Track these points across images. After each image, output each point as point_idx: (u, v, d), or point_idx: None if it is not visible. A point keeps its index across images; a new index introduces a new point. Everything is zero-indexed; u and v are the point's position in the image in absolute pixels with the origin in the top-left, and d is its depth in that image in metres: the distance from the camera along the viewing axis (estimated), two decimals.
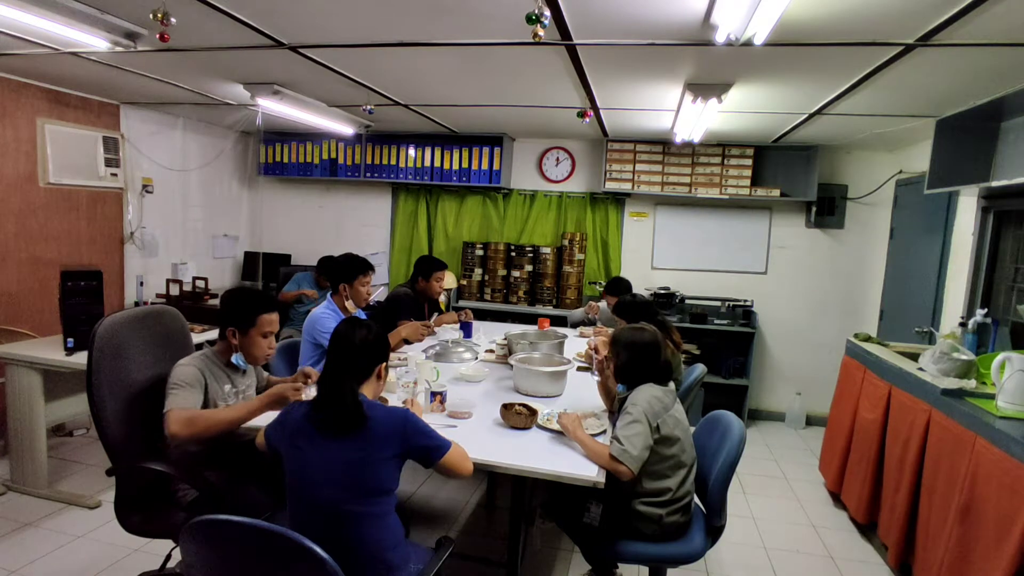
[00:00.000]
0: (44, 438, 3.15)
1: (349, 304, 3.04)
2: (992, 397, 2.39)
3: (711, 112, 3.25)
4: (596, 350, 2.58)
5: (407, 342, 3.26)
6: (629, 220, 5.24)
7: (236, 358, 2.18)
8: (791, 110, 3.55)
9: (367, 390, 1.77)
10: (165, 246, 4.95)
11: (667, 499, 2.06)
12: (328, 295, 3.09)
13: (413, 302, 3.79)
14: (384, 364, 1.83)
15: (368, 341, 1.77)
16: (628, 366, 2.20)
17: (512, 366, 2.80)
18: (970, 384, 2.55)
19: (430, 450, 1.70)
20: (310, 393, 1.99)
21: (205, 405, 2.07)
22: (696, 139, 4.21)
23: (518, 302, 5.21)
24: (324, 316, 2.93)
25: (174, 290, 4.59)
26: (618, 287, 4.07)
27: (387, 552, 1.64)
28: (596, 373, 2.56)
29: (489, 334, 3.77)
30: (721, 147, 4.78)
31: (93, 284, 3.20)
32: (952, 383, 2.55)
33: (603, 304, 4.33)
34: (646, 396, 2.08)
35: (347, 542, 1.57)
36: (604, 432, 2.21)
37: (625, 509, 2.08)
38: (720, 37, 2.08)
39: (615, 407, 2.36)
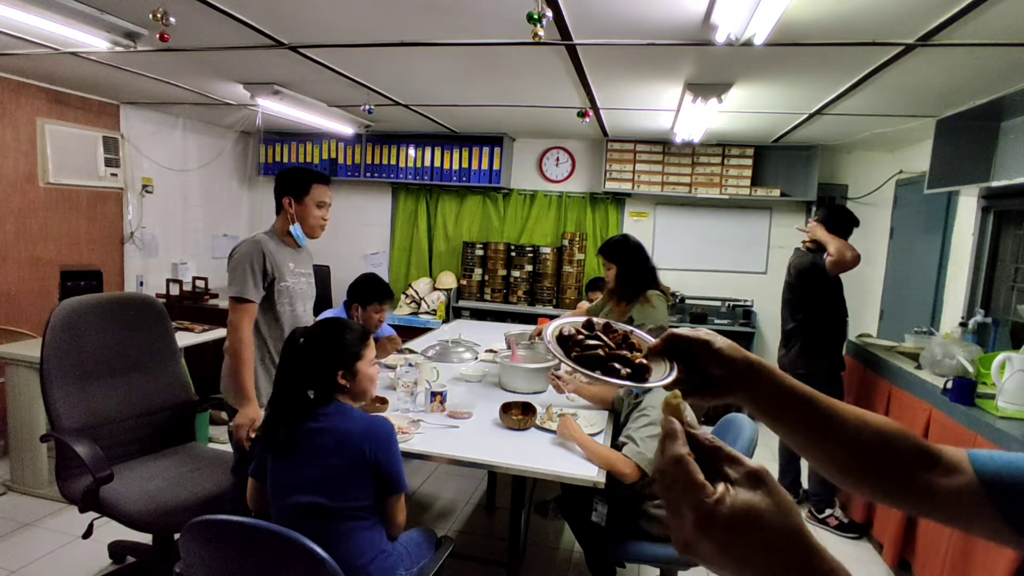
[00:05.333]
0: None
1: None
2: (992, 397, 2.39)
3: (711, 112, 3.24)
4: (560, 378, 2.56)
5: None
6: (629, 220, 5.24)
7: (295, 229, 2.33)
8: (791, 110, 3.55)
9: (345, 399, 1.69)
10: (165, 246, 4.95)
11: None
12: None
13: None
14: (348, 370, 1.68)
15: (314, 349, 1.64)
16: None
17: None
18: None
19: (391, 478, 1.60)
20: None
21: (268, 275, 2.21)
22: (696, 139, 4.21)
23: (518, 302, 5.21)
24: None
25: (174, 290, 4.59)
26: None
27: (368, 565, 1.60)
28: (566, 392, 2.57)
29: (490, 334, 3.76)
30: (721, 147, 4.78)
31: (93, 284, 3.21)
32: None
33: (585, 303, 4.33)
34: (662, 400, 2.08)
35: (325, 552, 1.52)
36: (600, 432, 2.20)
37: (632, 510, 2.07)
38: (720, 37, 2.08)
39: (624, 404, 2.36)
